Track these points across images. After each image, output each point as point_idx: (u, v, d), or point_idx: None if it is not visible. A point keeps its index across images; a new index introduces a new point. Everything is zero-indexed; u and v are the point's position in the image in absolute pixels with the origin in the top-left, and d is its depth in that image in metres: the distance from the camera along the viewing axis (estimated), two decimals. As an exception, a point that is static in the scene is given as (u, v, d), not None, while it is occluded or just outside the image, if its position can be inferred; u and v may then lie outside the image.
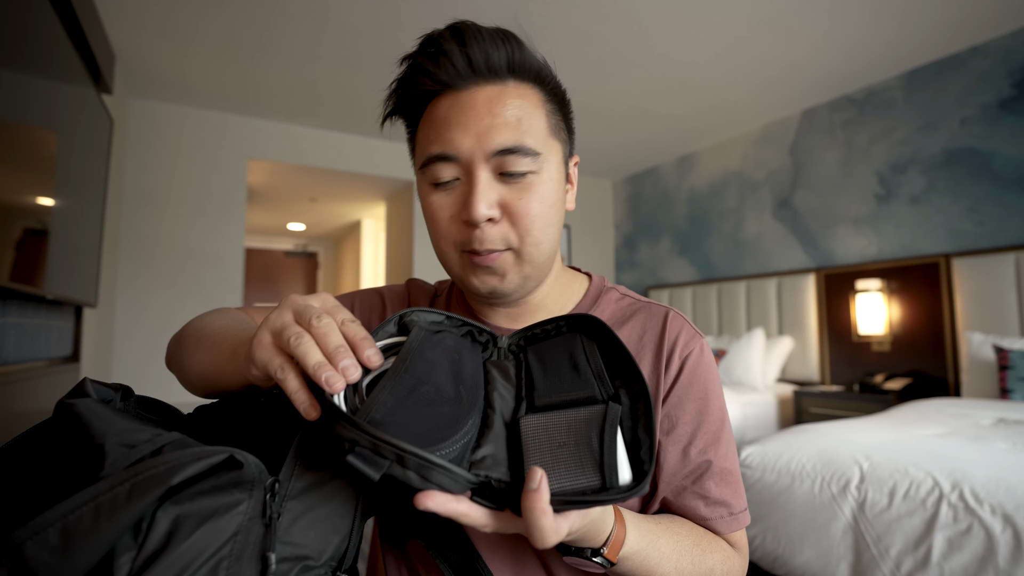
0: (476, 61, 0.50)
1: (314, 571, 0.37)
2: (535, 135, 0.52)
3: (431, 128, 0.53)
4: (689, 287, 4.20)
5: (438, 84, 0.52)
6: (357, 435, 0.33)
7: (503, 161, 0.51)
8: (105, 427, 0.33)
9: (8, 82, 1.26)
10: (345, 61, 2.91)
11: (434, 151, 0.52)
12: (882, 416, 2.21)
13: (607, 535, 0.42)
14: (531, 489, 0.33)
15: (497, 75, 0.52)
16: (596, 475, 0.36)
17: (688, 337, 0.58)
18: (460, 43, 0.50)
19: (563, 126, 0.57)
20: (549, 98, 0.55)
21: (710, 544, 0.53)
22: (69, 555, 0.26)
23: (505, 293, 0.56)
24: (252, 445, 0.38)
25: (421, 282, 0.71)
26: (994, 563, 1.26)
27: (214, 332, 0.52)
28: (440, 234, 0.55)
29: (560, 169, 0.56)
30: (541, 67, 0.54)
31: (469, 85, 0.51)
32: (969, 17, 2.50)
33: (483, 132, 0.50)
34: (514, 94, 0.52)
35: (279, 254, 7.82)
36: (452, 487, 0.34)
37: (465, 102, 0.51)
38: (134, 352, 3.27)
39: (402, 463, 0.32)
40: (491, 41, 0.51)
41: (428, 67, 0.51)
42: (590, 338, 0.45)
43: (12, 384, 1.41)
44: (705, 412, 0.56)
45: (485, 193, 0.50)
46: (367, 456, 0.32)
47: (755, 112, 3.56)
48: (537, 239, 0.53)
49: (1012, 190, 2.57)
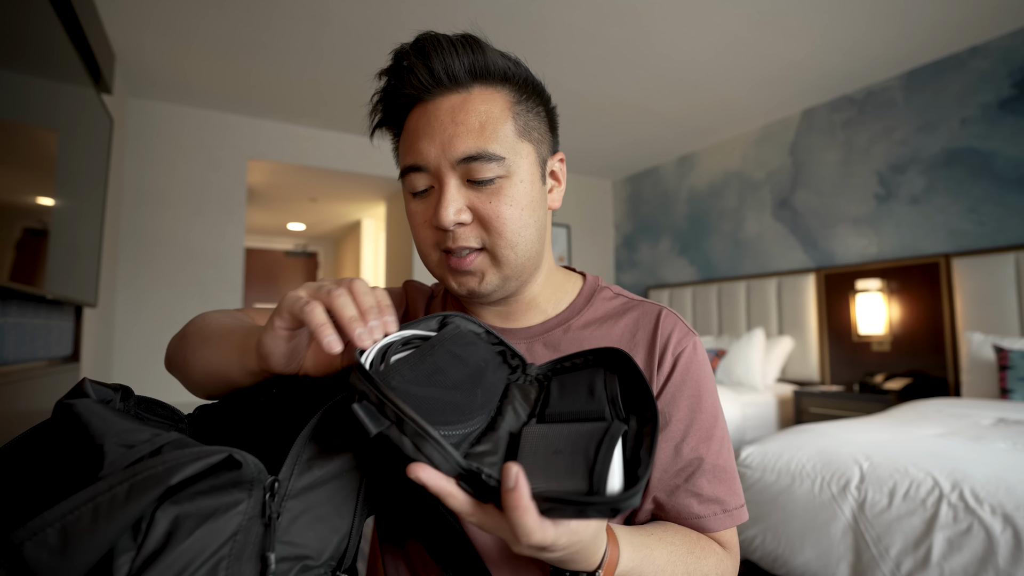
0: (437, 72, 0.52)
1: (314, 571, 0.37)
2: (500, 140, 0.52)
3: (405, 139, 0.56)
4: (689, 287, 4.20)
5: (407, 97, 0.54)
6: (368, 389, 0.34)
7: (469, 168, 0.52)
8: (104, 427, 0.33)
9: (8, 82, 1.26)
10: (345, 61, 2.91)
11: (407, 162, 0.55)
12: (882, 416, 2.21)
13: (601, 557, 0.42)
14: (508, 488, 0.33)
15: (460, 83, 0.52)
16: (584, 481, 0.36)
17: (681, 335, 0.59)
18: (422, 56, 0.52)
19: (537, 125, 0.57)
20: (518, 98, 0.55)
21: (703, 550, 0.53)
22: (68, 555, 0.26)
23: (484, 294, 0.57)
24: (251, 445, 0.38)
25: (418, 283, 0.72)
26: (994, 563, 1.26)
27: (220, 327, 0.54)
28: (419, 239, 0.57)
29: (533, 170, 0.56)
30: (507, 68, 0.54)
31: (435, 95, 0.53)
32: (969, 17, 2.50)
33: (447, 141, 0.51)
34: (479, 99, 0.53)
35: (279, 254, 7.82)
36: (442, 465, 0.34)
37: (431, 113, 0.53)
38: (134, 352, 3.27)
39: (400, 427, 0.34)
40: (450, 50, 0.52)
41: (396, 82, 0.54)
42: (613, 370, 0.46)
43: (12, 384, 1.41)
44: (698, 409, 0.57)
45: (453, 199, 0.52)
46: (371, 410, 0.34)
47: (755, 112, 3.56)
48: (511, 241, 0.54)
49: (1012, 190, 2.57)
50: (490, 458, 0.40)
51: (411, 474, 0.34)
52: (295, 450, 0.37)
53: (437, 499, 0.48)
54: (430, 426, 0.33)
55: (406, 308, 0.69)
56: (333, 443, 0.40)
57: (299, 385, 0.50)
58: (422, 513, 0.49)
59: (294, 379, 0.52)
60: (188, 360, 0.54)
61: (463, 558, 0.48)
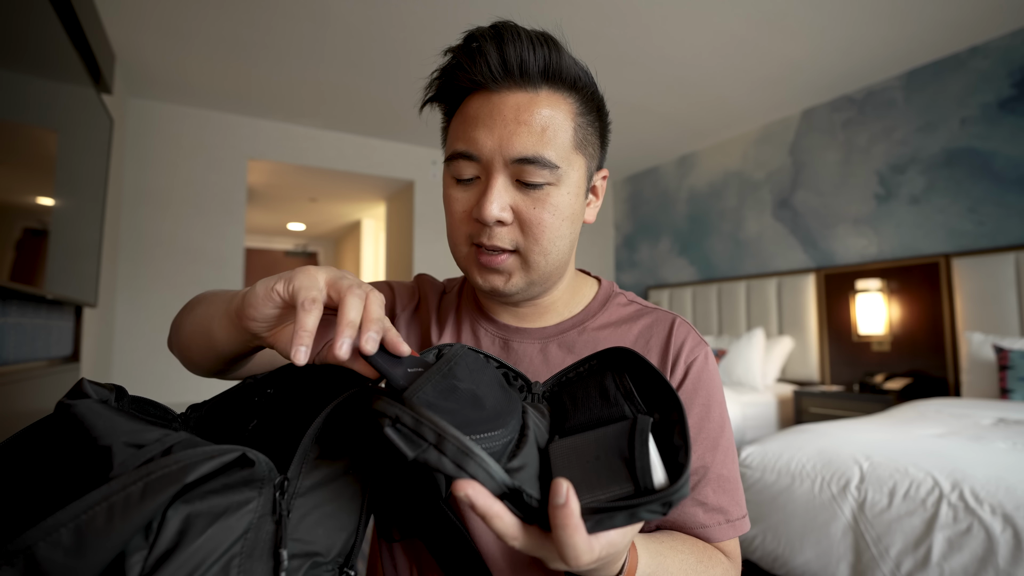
0: (511, 63, 0.50)
1: (323, 567, 0.38)
2: (557, 147, 0.51)
3: (460, 124, 0.54)
4: (689, 287, 4.20)
5: (472, 83, 0.52)
6: (402, 411, 0.32)
7: (521, 169, 0.51)
8: (110, 428, 0.33)
9: (8, 82, 1.26)
10: (346, 61, 2.91)
11: (458, 148, 0.53)
12: (882, 416, 2.21)
13: (623, 561, 0.41)
14: (558, 505, 0.31)
15: (530, 80, 0.51)
16: (628, 483, 0.34)
17: (694, 344, 0.59)
18: (497, 43, 0.50)
19: (593, 140, 0.56)
20: (582, 110, 0.54)
21: (710, 559, 0.53)
22: (82, 555, 0.26)
23: (507, 294, 0.56)
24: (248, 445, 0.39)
25: (431, 278, 0.71)
26: (994, 563, 1.26)
27: (219, 292, 0.54)
28: (454, 226, 0.56)
29: (581, 183, 0.55)
30: (578, 76, 0.53)
31: (501, 87, 0.51)
32: (969, 17, 2.50)
33: (506, 137, 0.50)
34: (545, 103, 0.51)
35: (279, 254, 7.82)
36: (487, 483, 0.32)
37: (495, 104, 0.51)
38: (134, 352, 3.27)
39: (440, 447, 0.31)
40: (528, 44, 0.51)
41: (465, 64, 0.52)
42: (621, 368, 0.45)
43: (12, 384, 1.40)
44: (706, 419, 0.57)
45: (499, 196, 0.51)
46: (407, 434, 0.31)
47: (755, 112, 3.57)
48: (545, 248, 0.53)
49: (1012, 190, 2.57)
50: (526, 474, 0.37)
51: (459, 491, 0.32)
52: (303, 448, 0.37)
53: (437, 498, 0.48)
54: (474, 444, 0.31)
55: (418, 301, 0.68)
56: (340, 441, 0.41)
57: (296, 385, 0.50)
58: (422, 512, 0.49)
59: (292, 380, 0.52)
60: (182, 324, 0.54)
61: (463, 557, 0.48)
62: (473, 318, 0.64)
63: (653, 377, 0.42)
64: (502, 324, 0.62)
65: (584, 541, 0.32)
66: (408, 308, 0.67)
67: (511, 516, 0.33)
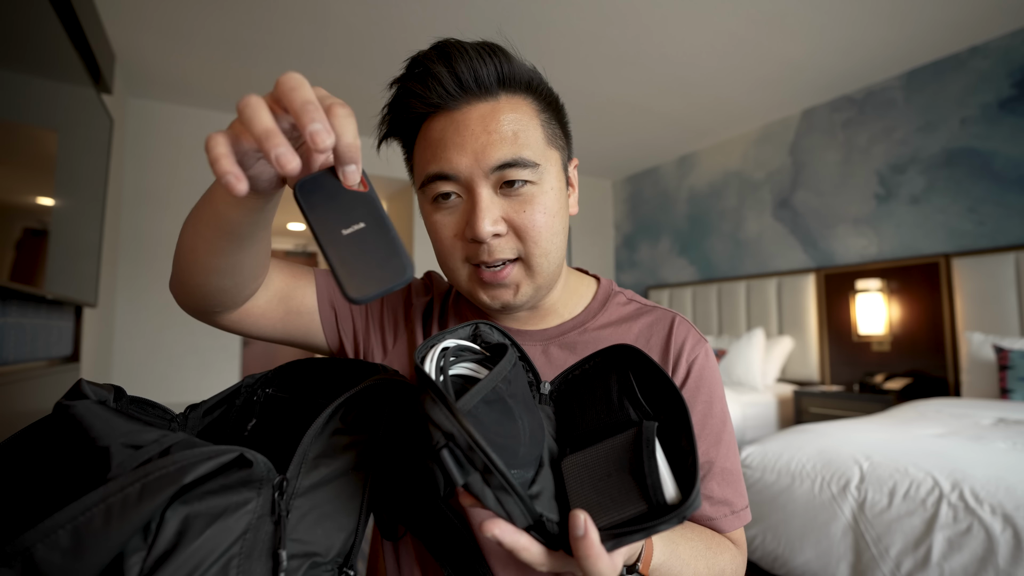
0: (465, 79, 0.50)
1: (322, 567, 0.37)
2: (532, 147, 0.52)
3: (427, 149, 0.53)
4: (689, 287, 4.20)
5: (429, 106, 0.52)
6: (457, 430, 0.30)
7: (503, 174, 0.51)
8: (108, 429, 0.33)
9: (8, 82, 1.26)
10: (346, 62, 2.91)
11: (432, 170, 0.52)
12: (882, 416, 2.21)
13: (640, 549, 0.43)
14: (577, 537, 0.32)
15: (488, 91, 0.51)
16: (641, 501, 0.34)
17: (694, 341, 0.60)
18: (447, 63, 0.50)
19: (559, 132, 0.57)
20: (543, 107, 0.55)
21: (719, 545, 0.54)
22: (80, 556, 0.26)
23: (518, 306, 0.56)
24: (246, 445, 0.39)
25: (439, 276, 0.71)
26: (994, 563, 1.26)
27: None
28: (445, 252, 0.55)
29: (560, 177, 0.56)
30: (531, 76, 0.54)
31: (461, 104, 0.51)
32: (969, 17, 2.50)
33: (480, 150, 0.50)
34: (507, 108, 0.52)
35: (279, 254, 7.82)
36: (518, 519, 0.32)
37: (459, 122, 0.51)
38: (134, 352, 3.26)
39: (486, 479, 0.30)
40: (478, 57, 0.50)
41: (417, 90, 0.51)
42: (624, 366, 0.45)
43: (12, 384, 1.40)
44: (709, 414, 0.58)
45: (488, 210, 0.51)
46: (460, 458, 0.30)
47: (755, 112, 3.56)
48: (545, 249, 0.53)
49: (1012, 190, 2.57)
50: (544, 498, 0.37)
51: (487, 532, 0.32)
52: (302, 449, 0.37)
53: (436, 498, 0.48)
54: (515, 481, 0.31)
55: (431, 297, 0.68)
56: (339, 442, 0.41)
57: (295, 386, 0.50)
58: (422, 511, 0.49)
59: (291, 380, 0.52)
60: (183, 236, 0.48)
61: (464, 555, 0.48)
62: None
63: (656, 375, 0.42)
64: (503, 327, 0.62)
65: (607, 564, 0.33)
66: (422, 300, 0.67)
67: (537, 546, 0.34)
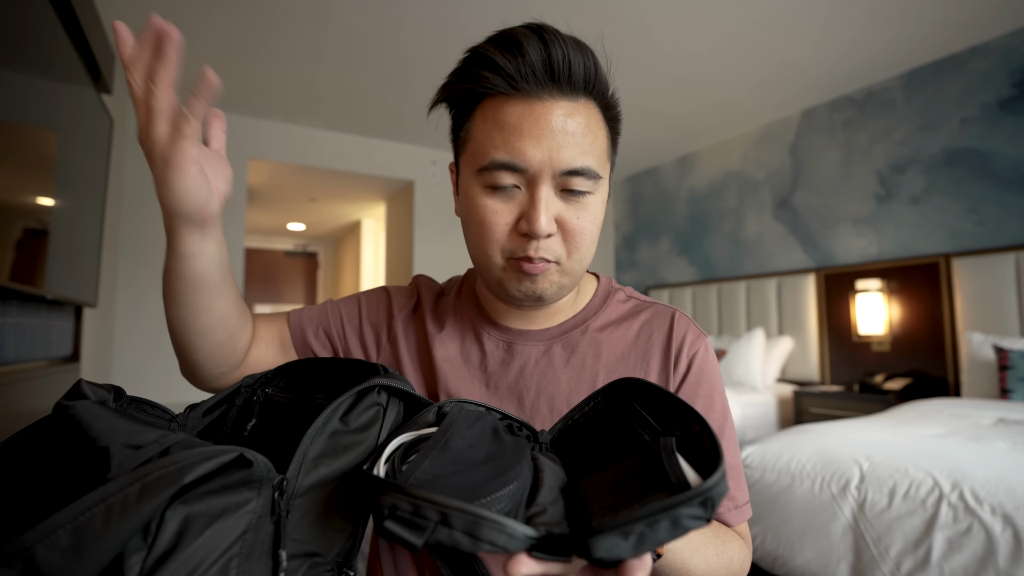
0: (559, 70, 0.48)
1: (322, 567, 0.37)
2: (597, 157, 0.51)
3: (496, 131, 0.50)
4: (689, 287, 4.20)
5: (511, 86, 0.49)
6: (396, 498, 0.30)
7: (567, 180, 0.50)
8: (107, 429, 0.33)
9: (8, 82, 1.26)
10: (346, 61, 2.91)
11: (500, 158, 0.49)
12: (882, 416, 2.21)
13: None
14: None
15: (574, 89, 0.50)
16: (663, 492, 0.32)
17: (694, 337, 0.60)
18: (544, 46, 0.48)
19: (614, 146, 0.57)
20: (610, 118, 0.54)
21: (726, 534, 0.54)
22: (80, 557, 0.26)
23: (543, 300, 0.55)
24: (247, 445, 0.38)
25: (427, 279, 0.70)
26: (994, 563, 1.26)
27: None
28: (488, 238, 0.52)
29: (607, 188, 0.56)
30: (607, 85, 0.53)
31: (543, 95, 0.49)
32: (969, 17, 2.50)
33: (555, 149, 0.48)
34: (585, 112, 0.50)
35: (279, 254, 7.82)
36: (508, 544, 0.29)
37: (540, 113, 0.48)
38: (134, 352, 3.26)
39: (447, 523, 0.29)
40: (574, 49, 0.49)
41: (503, 64, 0.48)
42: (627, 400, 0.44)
43: (12, 384, 1.40)
44: (710, 409, 0.58)
45: (547, 208, 0.50)
46: (407, 520, 0.29)
47: (755, 112, 3.57)
48: (583, 256, 0.54)
49: (1012, 190, 2.57)
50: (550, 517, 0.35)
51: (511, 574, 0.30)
52: (301, 449, 0.37)
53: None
54: (479, 507, 0.29)
55: (417, 301, 0.67)
56: (339, 442, 0.41)
57: (295, 386, 0.50)
58: None
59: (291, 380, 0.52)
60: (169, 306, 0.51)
61: (461, 554, 0.48)
62: (475, 322, 0.63)
63: (662, 397, 0.41)
64: (505, 327, 0.61)
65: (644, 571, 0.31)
66: (406, 308, 0.66)
67: (558, 565, 0.31)
